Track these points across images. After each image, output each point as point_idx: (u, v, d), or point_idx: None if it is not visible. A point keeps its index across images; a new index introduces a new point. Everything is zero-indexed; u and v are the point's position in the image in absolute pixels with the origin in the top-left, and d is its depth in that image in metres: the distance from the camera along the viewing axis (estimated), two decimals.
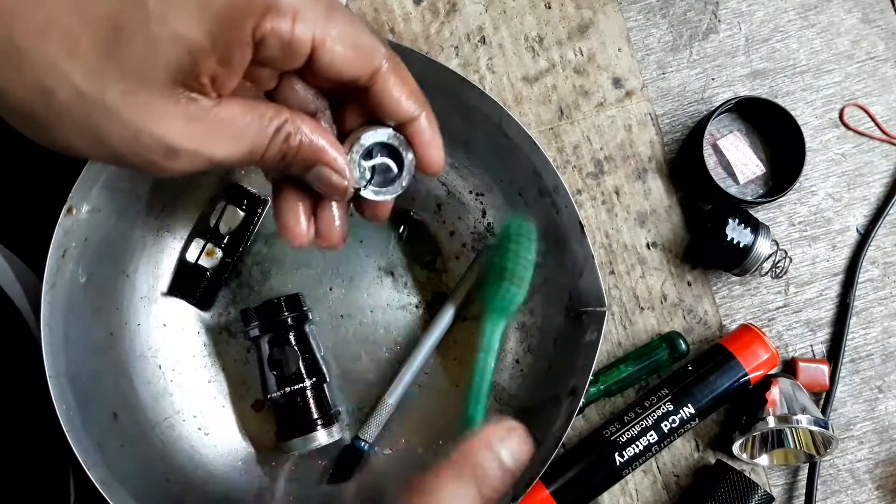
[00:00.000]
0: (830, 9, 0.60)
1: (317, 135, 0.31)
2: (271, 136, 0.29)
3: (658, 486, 0.57)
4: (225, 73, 0.27)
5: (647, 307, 0.58)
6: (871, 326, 0.58)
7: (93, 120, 0.26)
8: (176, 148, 0.27)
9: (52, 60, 0.25)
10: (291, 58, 0.28)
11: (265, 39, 0.27)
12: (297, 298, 0.54)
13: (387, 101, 0.32)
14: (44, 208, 0.48)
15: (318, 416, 0.52)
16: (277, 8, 0.27)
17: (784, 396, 0.53)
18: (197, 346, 0.55)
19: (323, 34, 0.28)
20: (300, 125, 0.30)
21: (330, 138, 0.31)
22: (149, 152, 0.27)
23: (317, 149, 0.31)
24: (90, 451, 0.46)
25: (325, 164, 0.31)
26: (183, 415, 0.54)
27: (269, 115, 0.29)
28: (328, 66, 0.29)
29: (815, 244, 0.59)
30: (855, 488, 0.57)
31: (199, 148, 0.27)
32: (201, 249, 0.54)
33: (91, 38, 0.25)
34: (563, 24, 0.59)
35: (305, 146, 0.30)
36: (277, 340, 0.52)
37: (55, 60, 0.25)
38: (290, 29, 0.27)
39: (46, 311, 0.46)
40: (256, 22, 0.26)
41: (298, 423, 0.52)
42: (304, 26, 0.28)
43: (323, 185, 0.32)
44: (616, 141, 0.59)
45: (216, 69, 0.27)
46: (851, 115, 0.60)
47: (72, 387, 0.47)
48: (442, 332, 0.55)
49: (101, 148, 0.27)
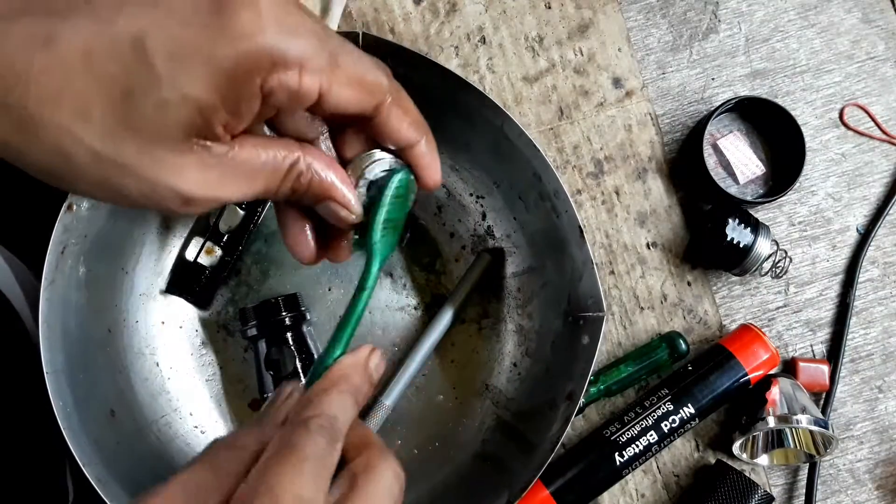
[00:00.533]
0: (830, 9, 0.60)
1: (328, 172, 0.31)
2: (284, 175, 0.30)
3: (658, 486, 0.56)
4: (235, 122, 0.28)
5: (647, 307, 0.58)
6: (871, 326, 0.58)
7: (110, 176, 0.26)
8: (191, 197, 0.28)
9: (67, 126, 0.25)
10: (298, 105, 0.29)
11: (273, 92, 0.27)
12: (294, 298, 0.54)
13: (389, 130, 0.32)
14: (42, 207, 0.48)
15: None
16: (284, 62, 0.27)
17: (784, 396, 0.53)
18: (195, 344, 0.55)
19: (329, 81, 0.29)
20: (311, 162, 0.31)
21: (340, 173, 0.32)
22: (165, 202, 0.28)
23: (327, 185, 0.31)
24: (86, 449, 0.46)
25: (334, 200, 0.32)
26: (180, 413, 0.54)
27: (282, 154, 0.30)
28: (335, 107, 0.30)
29: (815, 244, 0.59)
30: (855, 488, 0.57)
31: (213, 194, 0.28)
32: (200, 247, 0.54)
33: (103, 102, 0.25)
34: (563, 24, 0.59)
35: (316, 183, 0.31)
36: (275, 340, 0.52)
37: (70, 126, 0.25)
38: (297, 81, 0.28)
39: (45, 307, 0.46)
40: (264, 77, 0.27)
41: None
42: (311, 77, 0.28)
43: (331, 217, 0.33)
44: (616, 141, 0.59)
45: (226, 120, 0.27)
46: (851, 114, 0.60)
47: (69, 383, 0.47)
48: (440, 335, 0.55)
49: (119, 198, 0.27)
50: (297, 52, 0.27)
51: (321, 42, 0.28)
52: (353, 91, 0.30)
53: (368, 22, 0.59)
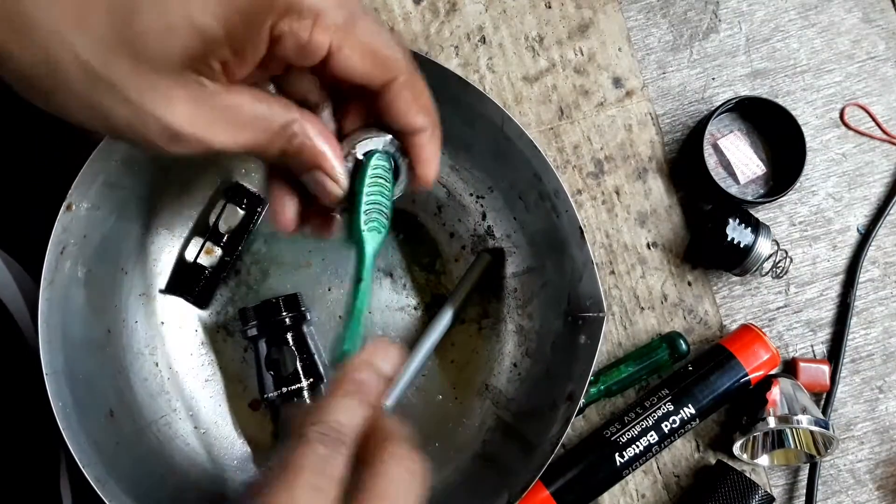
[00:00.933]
0: (831, 8, 0.60)
1: (320, 139, 0.30)
2: (275, 133, 0.29)
3: (658, 487, 0.56)
4: (237, 63, 0.27)
5: (648, 307, 0.58)
6: (871, 326, 0.58)
7: (96, 94, 0.25)
8: (178, 132, 0.26)
9: (60, 32, 0.24)
10: (305, 58, 0.28)
11: (282, 39, 0.27)
12: (295, 298, 0.53)
13: (396, 111, 0.32)
14: (39, 209, 0.48)
15: None
16: (299, 10, 0.26)
17: (784, 397, 0.53)
18: (194, 344, 0.55)
19: (340, 41, 0.28)
20: (306, 126, 0.30)
21: (333, 144, 0.31)
22: (150, 133, 0.26)
23: (318, 153, 0.30)
24: (86, 449, 0.46)
25: (323, 170, 0.31)
26: (179, 413, 0.54)
27: (277, 110, 0.29)
28: (341, 71, 0.29)
29: (815, 244, 0.59)
30: (856, 489, 0.57)
31: (200, 134, 0.27)
32: (200, 247, 0.54)
33: (103, 10, 0.24)
34: (563, 24, 0.59)
35: (308, 148, 0.30)
36: (275, 340, 0.52)
37: (64, 32, 0.24)
38: (308, 32, 0.27)
39: (44, 307, 0.46)
40: (275, 21, 0.26)
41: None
42: (323, 32, 0.27)
43: (317, 188, 0.32)
44: (616, 141, 0.59)
45: (228, 57, 0.26)
46: (852, 114, 0.60)
47: (68, 384, 0.46)
48: (440, 335, 0.55)
49: (103, 122, 0.26)
50: (315, 2, 0.27)
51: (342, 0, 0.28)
52: (365, 59, 0.29)
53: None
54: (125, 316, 0.53)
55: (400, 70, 0.31)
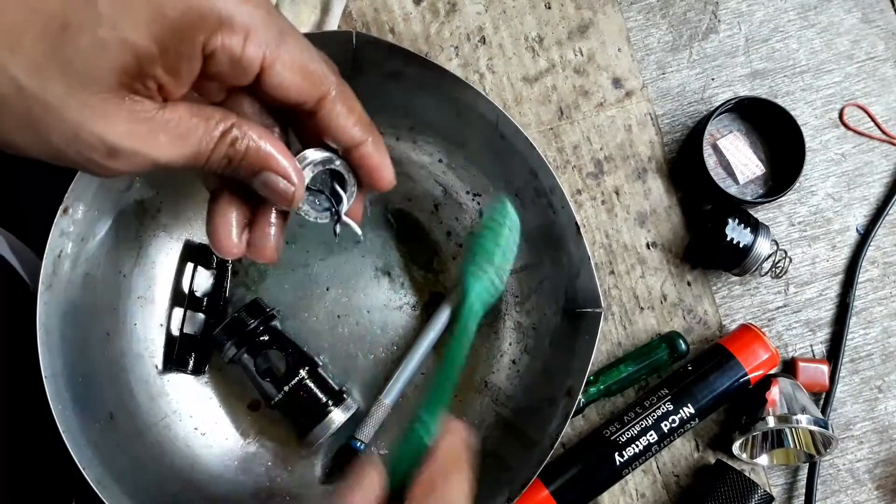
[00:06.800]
0: (830, 9, 0.60)
1: (264, 140, 0.30)
2: (217, 140, 0.29)
3: (658, 486, 0.56)
4: (172, 82, 0.27)
5: (647, 307, 0.58)
6: (870, 326, 0.58)
7: (33, 116, 0.25)
8: (117, 147, 0.26)
9: None
10: (240, 75, 0.28)
11: (215, 54, 0.27)
12: (256, 304, 0.54)
13: (333, 127, 0.32)
14: (40, 208, 0.47)
15: (326, 398, 0.52)
16: (230, 25, 0.27)
17: (784, 396, 0.53)
18: None
19: (273, 56, 0.28)
20: (247, 130, 0.30)
21: (278, 144, 0.31)
22: (89, 151, 0.26)
23: (264, 154, 0.30)
24: (86, 451, 0.45)
25: (272, 171, 0.31)
26: (179, 415, 0.54)
27: (216, 117, 0.29)
28: (276, 88, 0.29)
29: (814, 244, 0.59)
30: (855, 488, 0.57)
31: (140, 148, 0.27)
32: (182, 318, 0.54)
33: (36, 33, 0.24)
34: (563, 25, 0.59)
35: (252, 151, 0.30)
36: (256, 349, 0.52)
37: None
38: (240, 47, 0.27)
39: (42, 311, 0.46)
40: (207, 36, 0.26)
41: (311, 413, 0.52)
42: (255, 46, 0.28)
43: (270, 191, 0.31)
44: (616, 141, 0.59)
45: (163, 77, 0.26)
46: (851, 115, 0.60)
47: (68, 387, 0.46)
48: (439, 333, 0.55)
49: (42, 145, 0.26)
50: (245, 19, 0.27)
51: (271, 17, 0.28)
52: (296, 75, 0.29)
53: (368, 22, 0.59)
54: (124, 318, 0.53)
55: (330, 84, 0.31)
